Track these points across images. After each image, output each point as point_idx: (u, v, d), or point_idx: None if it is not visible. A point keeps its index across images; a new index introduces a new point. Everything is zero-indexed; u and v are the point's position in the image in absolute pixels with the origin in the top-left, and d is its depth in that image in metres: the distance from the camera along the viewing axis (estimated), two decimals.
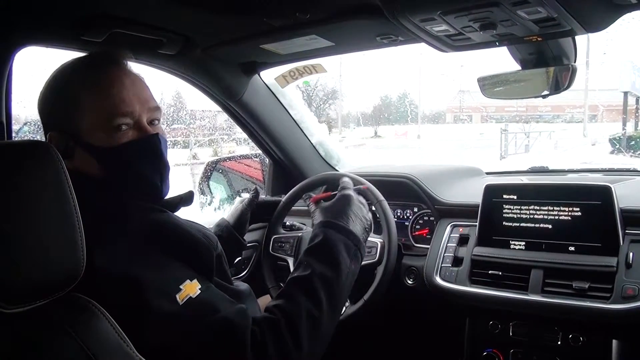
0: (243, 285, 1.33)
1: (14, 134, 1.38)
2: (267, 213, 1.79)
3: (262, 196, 1.73)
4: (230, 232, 1.58)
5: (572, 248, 1.49)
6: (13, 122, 1.37)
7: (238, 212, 1.64)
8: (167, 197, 1.16)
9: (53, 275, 0.81)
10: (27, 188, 0.80)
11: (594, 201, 1.48)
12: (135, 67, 1.13)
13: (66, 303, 0.84)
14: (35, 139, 1.10)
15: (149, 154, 1.08)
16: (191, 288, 0.97)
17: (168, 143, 1.17)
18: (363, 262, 1.59)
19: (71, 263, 0.83)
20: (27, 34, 1.31)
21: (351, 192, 1.36)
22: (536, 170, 2.14)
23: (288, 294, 1.10)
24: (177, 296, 0.95)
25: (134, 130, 1.06)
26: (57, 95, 1.08)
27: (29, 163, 0.81)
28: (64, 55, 1.39)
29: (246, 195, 1.72)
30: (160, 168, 1.10)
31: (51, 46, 1.41)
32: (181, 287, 0.96)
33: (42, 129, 1.11)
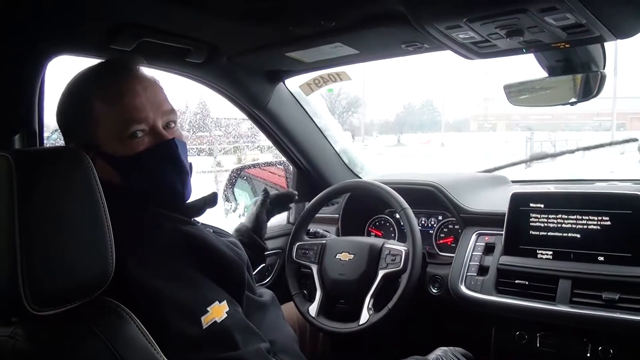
0: (267, 293, 1.34)
1: (45, 142, 1.41)
2: (282, 206, 1.78)
3: (273, 191, 1.72)
4: (250, 236, 1.57)
5: (601, 258, 1.46)
6: (44, 129, 1.40)
7: (254, 216, 1.63)
8: (191, 200, 1.16)
9: (83, 280, 0.83)
10: (60, 193, 0.82)
11: (624, 210, 1.45)
12: (153, 72, 1.14)
13: (95, 306, 0.86)
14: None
15: (166, 159, 1.07)
16: (218, 311, 0.97)
17: (193, 149, 1.18)
18: (387, 270, 1.60)
19: (100, 268, 0.84)
20: (59, 43, 1.34)
21: None
22: (563, 179, 2.11)
23: None
24: (203, 319, 0.95)
25: (150, 137, 1.05)
26: (72, 106, 1.08)
27: (62, 169, 0.83)
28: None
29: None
30: (180, 173, 1.09)
31: (82, 55, 1.44)
32: (208, 308, 0.96)
33: None
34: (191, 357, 0.93)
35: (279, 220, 2.24)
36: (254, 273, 1.38)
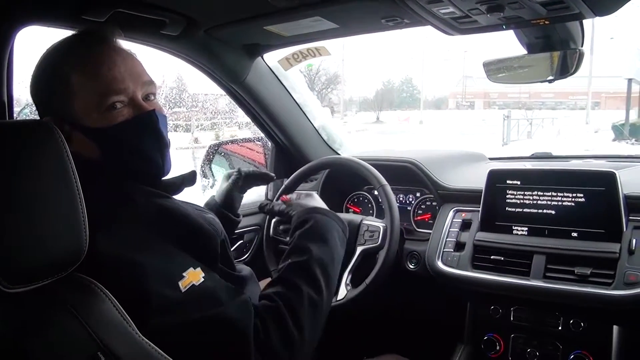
0: (245, 269, 1.33)
1: (15, 116, 1.37)
2: (257, 183, 1.71)
3: (246, 169, 1.67)
4: (219, 211, 1.54)
5: (575, 234, 1.49)
6: (14, 103, 1.36)
7: (224, 192, 1.60)
8: (169, 177, 1.14)
9: (55, 256, 0.81)
10: (30, 168, 0.79)
11: (598, 187, 1.47)
12: (130, 45, 1.10)
13: (68, 283, 0.84)
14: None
15: (146, 131, 1.04)
16: (194, 276, 0.96)
17: (170, 125, 1.14)
18: (365, 246, 1.61)
19: (73, 244, 0.82)
20: (29, 13, 1.29)
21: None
22: (539, 157, 2.14)
23: (287, 280, 1.08)
24: (180, 283, 0.93)
25: (129, 108, 1.03)
26: (47, 79, 1.04)
27: (32, 143, 0.80)
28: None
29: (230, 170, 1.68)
30: (159, 145, 1.07)
31: (52, 26, 1.39)
32: (184, 274, 0.95)
33: None
34: (175, 321, 0.92)
35: (256, 196, 2.23)
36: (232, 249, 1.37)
